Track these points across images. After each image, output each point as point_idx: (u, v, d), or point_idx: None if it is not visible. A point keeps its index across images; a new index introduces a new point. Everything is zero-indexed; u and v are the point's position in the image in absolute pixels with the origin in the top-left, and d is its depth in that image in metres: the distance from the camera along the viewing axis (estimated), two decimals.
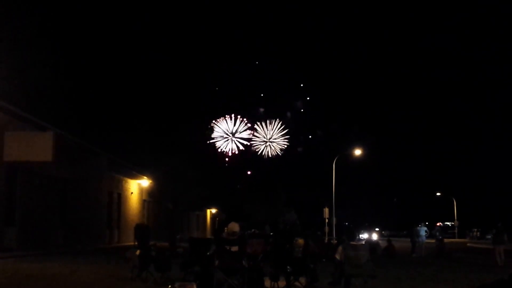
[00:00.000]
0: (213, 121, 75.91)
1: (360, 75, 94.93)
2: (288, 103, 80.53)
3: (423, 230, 29.15)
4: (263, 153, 79.78)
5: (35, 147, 19.38)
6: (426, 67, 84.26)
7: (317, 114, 79.21)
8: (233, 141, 79.44)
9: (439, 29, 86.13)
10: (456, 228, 66.71)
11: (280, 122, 79.84)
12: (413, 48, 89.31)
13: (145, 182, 35.60)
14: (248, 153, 77.62)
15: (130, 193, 34.02)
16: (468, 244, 45.81)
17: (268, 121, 79.73)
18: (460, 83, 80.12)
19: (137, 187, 35.27)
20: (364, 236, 47.45)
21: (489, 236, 43.82)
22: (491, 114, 79.74)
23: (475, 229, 63.59)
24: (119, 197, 32.12)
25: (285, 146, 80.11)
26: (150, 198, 37.62)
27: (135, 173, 34.15)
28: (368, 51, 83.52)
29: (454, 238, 60.19)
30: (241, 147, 79.13)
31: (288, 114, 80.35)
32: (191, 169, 37.51)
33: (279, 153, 79.60)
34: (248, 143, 79.46)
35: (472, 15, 79.17)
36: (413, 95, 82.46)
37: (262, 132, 79.79)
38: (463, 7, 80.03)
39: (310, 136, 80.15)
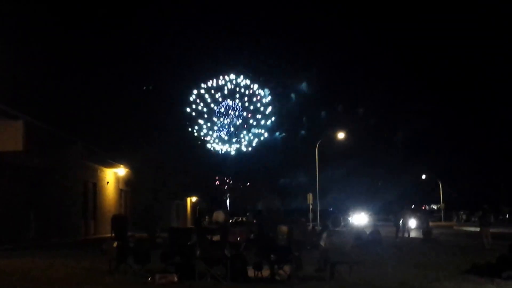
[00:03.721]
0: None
1: (360, 73, 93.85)
2: (290, 85, 78.39)
3: (406, 214, 29.07)
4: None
5: (5, 136, 19.07)
6: (426, 67, 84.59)
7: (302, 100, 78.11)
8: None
9: (439, 29, 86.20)
10: (442, 211, 66.82)
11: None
12: (413, 48, 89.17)
13: (121, 171, 34.69)
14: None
15: (106, 182, 33.19)
16: (454, 227, 46.00)
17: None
18: (460, 83, 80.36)
19: (113, 176, 34.43)
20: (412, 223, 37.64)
21: (475, 219, 43.93)
22: (489, 107, 79.47)
23: (461, 212, 63.65)
24: (95, 187, 31.33)
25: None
26: (127, 188, 36.78)
27: (111, 162, 33.29)
28: (367, 49, 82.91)
29: (440, 221, 60.39)
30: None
31: (292, 95, 78.56)
32: (170, 157, 36.78)
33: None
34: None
35: (472, 15, 79.31)
36: (413, 92, 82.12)
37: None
38: (463, 7, 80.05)
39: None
